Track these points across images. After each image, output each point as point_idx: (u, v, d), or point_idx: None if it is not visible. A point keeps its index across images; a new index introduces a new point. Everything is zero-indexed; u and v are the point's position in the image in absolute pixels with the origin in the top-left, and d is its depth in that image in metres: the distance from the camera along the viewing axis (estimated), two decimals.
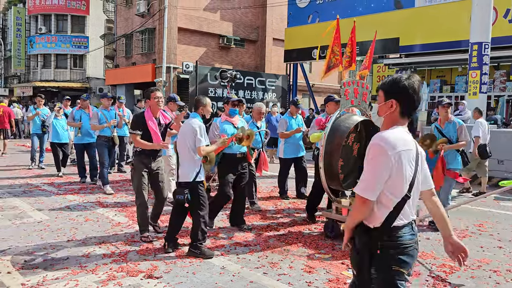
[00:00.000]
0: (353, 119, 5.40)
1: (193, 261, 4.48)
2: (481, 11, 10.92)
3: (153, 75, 23.70)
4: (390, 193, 2.21)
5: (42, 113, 10.97)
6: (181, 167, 4.71)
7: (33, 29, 35.81)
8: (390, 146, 2.17)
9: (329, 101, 6.45)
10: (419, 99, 2.34)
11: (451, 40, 15.66)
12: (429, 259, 4.75)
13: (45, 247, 4.82)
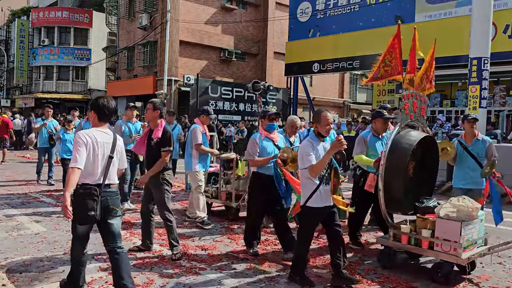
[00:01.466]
0: (413, 135, 4.91)
1: (190, 275, 4.45)
2: (481, 27, 10.99)
3: (154, 88, 23.84)
4: None
5: (50, 125, 10.34)
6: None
7: (36, 41, 36.12)
8: None
9: (378, 117, 5.62)
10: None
11: (451, 55, 15.74)
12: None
13: (41, 260, 4.78)
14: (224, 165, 7.17)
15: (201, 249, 5.36)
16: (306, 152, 4.08)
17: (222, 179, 7.15)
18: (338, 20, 20.27)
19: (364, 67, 19.90)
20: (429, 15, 17.23)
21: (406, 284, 4.40)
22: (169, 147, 4.92)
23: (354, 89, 34.54)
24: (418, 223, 4.68)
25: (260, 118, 5.44)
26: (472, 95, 11.38)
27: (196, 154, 6.55)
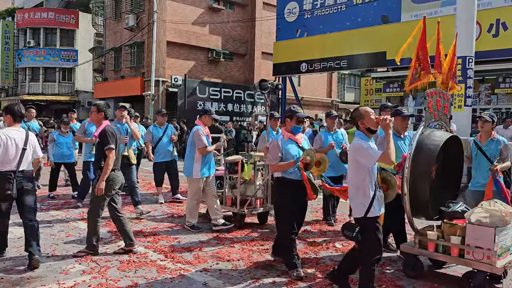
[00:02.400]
0: (438, 136, 4.61)
1: (175, 277, 4.41)
2: (465, 26, 11.08)
3: (142, 89, 23.69)
4: None
5: (32, 127, 9.63)
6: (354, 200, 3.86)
7: (21, 43, 35.66)
8: None
9: (396, 115, 5.25)
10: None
11: None
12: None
13: (23, 264, 4.71)
14: (229, 169, 6.64)
15: (187, 251, 5.32)
16: (364, 149, 3.69)
17: (227, 183, 6.79)
18: (325, 20, 20.32)
19: (352, 66, 19.99)
20: (415, 14, 17.34)
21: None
22: (109, 145, 4.99)
23: (342, 88, 34.68)
24: (445, 229, 4.42)
25: (287, 118, 4.80)
26: (458, 93, 11.48)
27: (199, 159, 6.21)
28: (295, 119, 4.72)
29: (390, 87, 19.52)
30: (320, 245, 5.71)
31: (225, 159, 6.69)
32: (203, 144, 6.13)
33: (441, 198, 4.79)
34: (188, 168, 6.30)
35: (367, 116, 3.80)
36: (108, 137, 5.02)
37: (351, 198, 3.89)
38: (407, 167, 4.34)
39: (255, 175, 6.48)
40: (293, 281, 4.35)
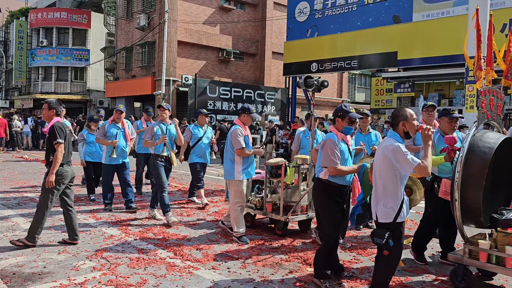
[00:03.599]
0: (491, 138, 4.28)
1: (183, 275, 4.44)
2: None
3: (152, 88, 23.84)
4: None
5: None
6: (380, 203, 3.68)
7: (34, 42, 36.11)
8: None
9: (443, 115, 4.97)
10: None
11: (449, 54, 15.75)
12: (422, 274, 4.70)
13: (35, 260, 4.77)
14: (271, 172, 6.09)
15: (196, 249, 5.35)
16: (403, 153, 3.48)
17: (267, 188, 6.23)
18: (336, 19, 20.27)
19: (362, 66, 19.91)
20: (426, 14, 17.23)
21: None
22: (58, 139, 5.16)
23: (353, 88, 34.53)
24: (499, 238, 4.09)
25: (338, 117, 4.36)
26: (469, 94, 11.39)
27: (239, 160, 5.73)
28: (347, 119, 4.29)
29: (401, 87, 19.40)
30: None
31: (266, 162, 6.12)
32: (240, 145, 5.67)
33: (493, 204, 4.53)
34: (228, 171, 5.78)
35: (410, 121, 3.63)
36: (56, 132, 5.19)
37: (377, 200, 3.68)
38: (458, 171, 4.05)
39: (298, 179, 6.00)
40: (302, 281, 4.36)
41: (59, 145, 5.16)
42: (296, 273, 4.56)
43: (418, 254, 5.08)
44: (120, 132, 7.51)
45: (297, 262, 4.94)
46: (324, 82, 6.19)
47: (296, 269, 4.71)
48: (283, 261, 4.96)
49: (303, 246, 5.63)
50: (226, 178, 5.90)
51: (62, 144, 5.18)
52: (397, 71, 18.91)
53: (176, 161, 7.12)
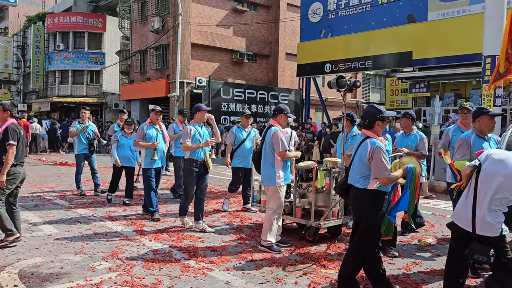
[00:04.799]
0: None
1: (197, 276, 4.46)
2: (493, 24, 10.82)
3: (167, 90, 24.02)
4: None
5: (87, 129, 9.10)
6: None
7: (51, 46, 36.69)
8: None
9: (481, 114, 4.63)
10: None
11: (465, 53, 15.55)
12: (437, 276, 4.65)
13: (52, 261, 4.85)
14: (301, 176, 5.90)
15: (210, 250, 5.37)
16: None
17: (297, 192, 6.01)
18: (350, 20, 20.17)
19: (377, 67, 19.76)
20: (442, 13, 17.03)
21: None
22: (10, 141, 5.28)
23: (367, 89, 34.31)
24: None
25: (379, 120, 3.99)
26: (486, 93, 11.21)
27: (280, 164, 5.39)
28: (386, 119, 4.05)
29: (416, 88, 19.20)
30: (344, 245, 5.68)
31: (296, 165, 5.95)
32: (285, 148, 5.32)
33: None
34: (269, 176, 5.41)
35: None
36: (10, 134, 5.31)
37: (480, 209, 3.43)
38: None
39: (330, 183, 5.77)
40: (316, 283, 4.35)
41: (11, 147, 5.29)
42: (310, 275, 4.55)
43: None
44: (160, 134, 7.19)
45: (311, 264, 4.93)
46: (356, 82, 6.04)
47: (310, 271, 4.70)
48: (297, 263, 4.96)
49: (317, 248, 5.61)
50: (266, 184, 5.52)
51: (14, 146, 5.32)
52: (412, 71, 18.72)
53: (211, 165, 6.50)
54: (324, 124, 18.25)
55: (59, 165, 15.36)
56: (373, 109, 4.02)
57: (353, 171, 4.05)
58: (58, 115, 33.26)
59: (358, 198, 4.02)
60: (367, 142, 3.90)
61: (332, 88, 6.11)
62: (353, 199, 4.10)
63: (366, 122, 3.98)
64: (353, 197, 4.08)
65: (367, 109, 4.09)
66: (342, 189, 4.24)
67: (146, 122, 7.26)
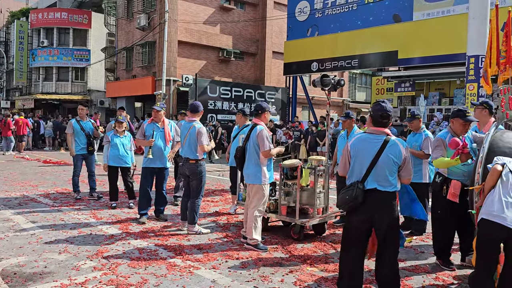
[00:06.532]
0: (511, 137, 4.17)
1: (183, 274, 4.45)
2: (477, 25, 10.98)
3: (153, 88, 23.85)
4: None
5: (85, 127, 8.59)
6: None
7: (35, 42, 36.13)
8: None
9: (456, 117, 4.79)
10: None
11: (449, 53, 15.77)
12: (422, 273, 4.71)
13: (36, 260, 4.79)
14: (286, 174, 5.97)
15: (196, 249, 5.36)
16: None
17: (282, 190, 6.02)
18: (337, 19, 20.28)
19: (363, 66, 19.92)
20: (427, 13, 17.24)
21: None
22: None
23: (353, 88, 34.53)
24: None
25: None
26: (470, 93, 11.37)
27: (265, 162, 5.41)
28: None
29: (401, 87, 19.40)
30: (329, 244, 5.71)
31: (281, 164, 6.00)
32: (269, 147, 5.33)
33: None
34: (254, 174, 5.41)
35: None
36: None
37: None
38: (478, 172, 3.92)
39: (315, 181, 5.81)
40: (302, 280, 4.37)
41: None
42: (296, 273, 4.57)
43: (443, 259, 4.91)
44: (159, 132, 6.76)
45: (297, 262, 4.95)
46: (340, 81, 6.04)
47: (296, 268, 4.72)
48: (283, 261, 4.97)
49: (303, 246, 5.63)
50: (251, 182, 5.45)
51: None
52: (397, 70, 18.92)
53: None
54: (311, 122, 18.33)
55: (43, 163, 15.16)
56: (389, 107, 3.88)
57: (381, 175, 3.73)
58: (42, 112, 32.82)
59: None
60: (396, 141, 3.75)
61: (317, 86, 6.13)
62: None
63: (380, 119, 3.81)
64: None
65: (384, 107, 3.88)
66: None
67: (148, 120, 6.99)
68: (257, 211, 5.43)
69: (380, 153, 3.69)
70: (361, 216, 3.73)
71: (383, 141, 3.72)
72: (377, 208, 3.68)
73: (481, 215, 3.55)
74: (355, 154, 3.82)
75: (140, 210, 6.76)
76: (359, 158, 3.78)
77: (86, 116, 8.73)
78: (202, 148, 6.06)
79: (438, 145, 4.81)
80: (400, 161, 3.70)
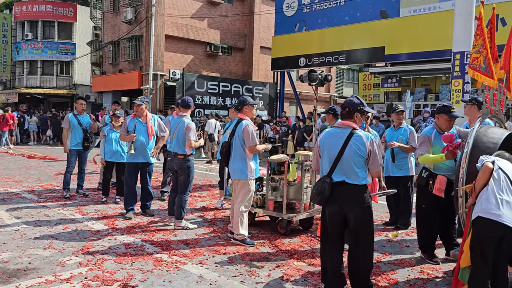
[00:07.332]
0: (496, 133, 4.19)
1: (170, 269, 4.43)
2: (463, 21, 11.07)
3: (140, 82, 23.65)
4: None
5: (82, 122, 8.23)
6: None
7: (19, 35, 35.51)
8: None
9: (442, 112, 4.84)
10: None
11: (435, 49, 15.89)
12: (407, 267, 4.76)
13: (20, 256, 4.72)
14: (273, 169, 5.95)
15: (183, 244, 5.34)
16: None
17: (269, 185, 6.05)
18: (324, 14, 20.29)
19: (350, 61, 19.99)
20: (414, 9, 17.34)
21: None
22: None
23: (341, 83, 34.65)
24: None
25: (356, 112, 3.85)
26: (455, 89, 11.47)
27: (250, 157, 5.39)
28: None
29: (388, 82, 19.54)
30: (316, 239, 5.74)
31: (268, 159, 6.01)
32: (254, 142, 5.31)
33: None
34: (240, 169, 5.37)
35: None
36: None
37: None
38: (463, 167, 3.94)
39: (302, 176, 5.86)
40: (289, 275, 4.38)
41: None
42: (283, 267, 4.59)
43: (428, 253, 4.95)
44: (142, 127, 6.66)
45: (284, 257, 4.97)
46: (327, 76, 6.08)
47: (283, 263, 4.73)
48: (270, 256, 4.99)
49: (290, 241, 5.65)
50: (236, 178, 5.42)
51: None
52: (384, 66, 19.03)
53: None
54: (298, 118, 18.37)
55: (28, 158, 14.95)
56: (355, 100, 3.93)
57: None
58: (27, 106, 32.33)
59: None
60: (360, 134, 3.78)
61: (304, 82, 6.17)
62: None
63: (346, 111, 3.89)
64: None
65: (349, 99, 3.99)
66: None
67: (131, 115, 6.84)
68: (243, 206, 5.43)
69: (345, 146, 3.74)
70: (332, 209, 3.80)
71: (348, 134, 3.78)
72: (346, 200, 3.73)
73: (477, 213, 3.54)
74: (323, 148, 3.90)
75: (126, 205, 6.72)
76: (327, 152, 3.85)
77: (83, 111, 8.37)
78: (190, 144, 6.03)
79: (424, 141, 4.86)
80: (365, 153, 3.73)
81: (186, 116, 6.21)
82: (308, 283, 4.18)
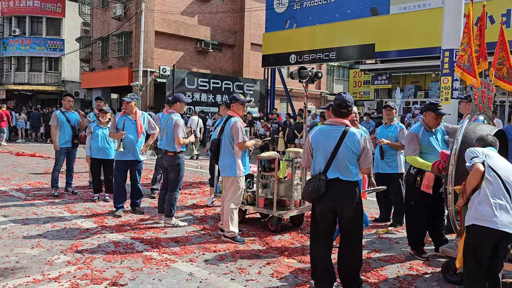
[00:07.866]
0: (484, 130, 4.16)
1: (160, 267, 4.41)
2: (452, 19, 11.14)
3: (129, 79, 23.49)
4: None
5: (70, 118, 8.12)
6: None
7: (6, 31, 35.00)
8: None
9: (429, 110, 4.85)
10: None
11: (425, 46, 15.97)
12: (396, 263, 4.79)
13: (7, 255, 4.66)
14: (264, 166, 5.95)
15: (173, 242, 5.32)
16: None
17: (259, 182, 6.03)
18: (315, 11, 20.29)
19: (341, 58, 20.03)
20: (404, 6, 17.41)
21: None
22: None
23: (331, 80, 34.74)
24: None
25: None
26: (444, 86, 11.55)
27: (239, 155, 5.38)
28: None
29: (378, 79, 19.62)
30: (306, 236, 5.75)
31: (259, 156, 5.96)
32: (243, 139, 5.30)
33: None
34: (229, 167, 5.36)
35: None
36: None
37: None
38: (452, 164, 3.93)
39: (292, 173, 5.84)
40: (279, 272, 4.38)
41: None
42: (274, 265, 4.59)
43: (417, 249, 4.97)
44: (131, 124, 6.61)
45: (275, 254, 4.97)
46: (318, 73, 6.08)
47: (273, 260, 4.73)
48: (260, 253, 4.98)
49: (280, 238, 5.65)
50: (226, 175, 5.41)
51: None
52: (374, 63, 19.09)
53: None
54: (289, 115, 18.37)
55: (16, 155, 14.78)
56: (352, 98, 3.94)
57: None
58: (15, 103, 31.93)
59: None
60: (354, 132, 3.79)
61: (294, 78, 6.17)
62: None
63: (347, 110, 3.82)
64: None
65: (349, 97, 3.93)
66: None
67: (121, 112, 6.80)
68: (233, 204, 5.41)
69: (339, 143, 3.74)
70: (325, 206, 3.79)
71: (342, 131, 3.76)
72: (339, 197, 3.73)
73: (471, 220, 3.46)
74: (316, 146, 3.88)
75: (115, 203, 6.67)
76: (320, 149, 3.82)
77: (70, 108, 8.23)
78: (178, 140, 6.00)
79: (411, 139, 4.86)
80: (359, 151, 3.75)
81: (174, 113, 6.17)
82: (298, 280, 4.18)
